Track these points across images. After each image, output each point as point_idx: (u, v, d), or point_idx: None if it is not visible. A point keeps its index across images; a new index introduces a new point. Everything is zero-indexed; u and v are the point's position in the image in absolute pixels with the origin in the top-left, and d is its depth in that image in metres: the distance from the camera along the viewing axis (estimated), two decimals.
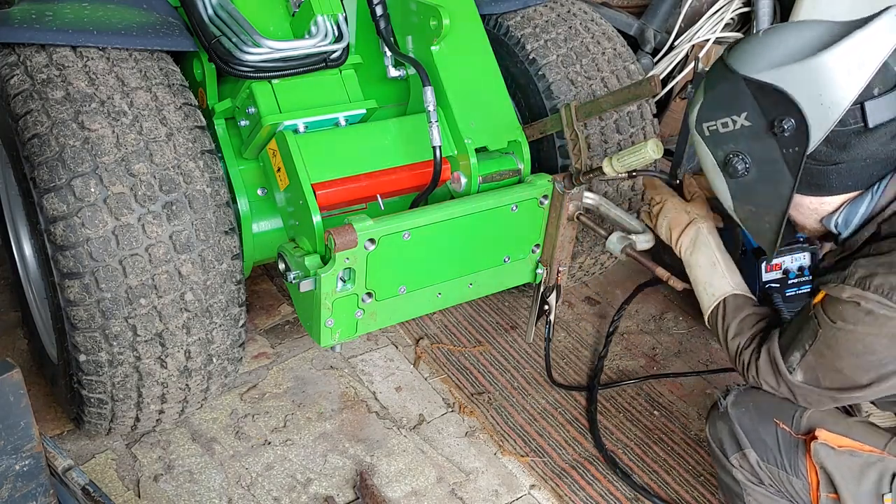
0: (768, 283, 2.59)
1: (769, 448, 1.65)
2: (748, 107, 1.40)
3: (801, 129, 1.35)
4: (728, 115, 1.43)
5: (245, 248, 2.05)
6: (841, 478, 1.55)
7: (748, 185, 1.47)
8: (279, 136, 1.93)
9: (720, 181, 1.51)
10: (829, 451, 1.57)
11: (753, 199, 1.49)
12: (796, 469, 1.62)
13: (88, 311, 1.66)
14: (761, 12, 3.38)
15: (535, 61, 2.29)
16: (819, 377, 1.47)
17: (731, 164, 1.46)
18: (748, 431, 1.68)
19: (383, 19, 2.11)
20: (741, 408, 1.71)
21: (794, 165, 1.38)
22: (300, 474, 2.12)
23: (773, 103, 1.36)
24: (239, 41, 1.90)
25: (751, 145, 1.42)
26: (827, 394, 1.48)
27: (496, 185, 2.07)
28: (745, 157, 1.44)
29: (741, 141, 1.43)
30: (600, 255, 2.50)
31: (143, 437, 2.17)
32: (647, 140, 1.78)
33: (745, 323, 1.63)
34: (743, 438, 1.68)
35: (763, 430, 1.66)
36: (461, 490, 2.12)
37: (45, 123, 1.65)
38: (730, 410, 1.71)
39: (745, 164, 1.44)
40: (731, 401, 1.73)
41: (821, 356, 1.45)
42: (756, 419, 1.68)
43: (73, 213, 1.62)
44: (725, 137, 1.45)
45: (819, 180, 1.42)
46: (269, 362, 2.49)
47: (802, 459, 1.61)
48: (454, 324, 2.72)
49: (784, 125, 1.35)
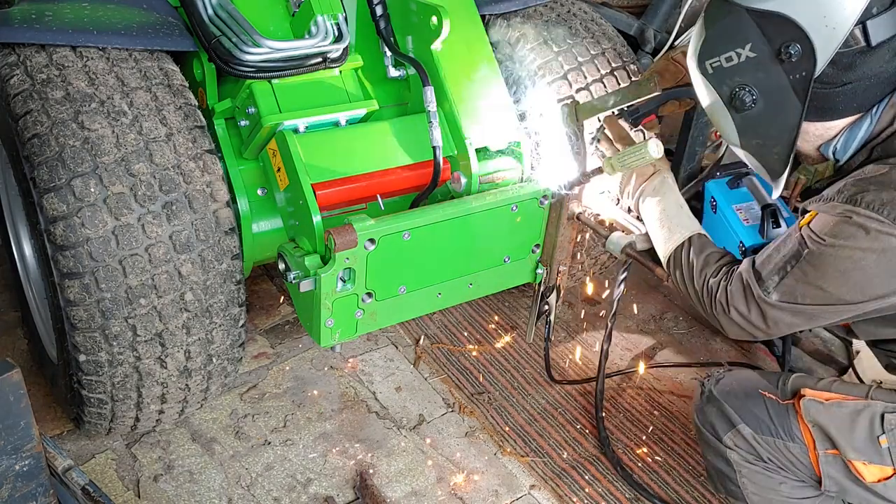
0: None
1: (761, 420, 1.66)
2: (753, 37, 1.40)
3: (807, 53, 1.36)
4: (732, 48, 1.43)
5: (245, 248, 2.05)
6: (835, 429, 1.57)
7: (756, 117, 1.47)
8: (279, 136, 1.93)
9: (725, 118, 1.52)
10: (818, 405, 1.59)
11: (761, 132, 1.49)
12: (791, 433, 1.63)
13: (88, 311, 1.66)
14: None
15: (535, 61, 2.28)
16: (798, 295, 1.47)
17: (737, 98, 1.46)
18: (738, 408, 1.69)
19: (383, 19, 2.11)
20: (726, 388, 1.73)
21: (802, 91, 1.39)
22: (300, 474, 2.12)
23: (778, 31, 1.37)
24: (239, 41, 1.90)
25: (757, 76, 1.43)
26: (804, 311, 1.48)
27: (496, 185, 2.07)
28: (751, 89, 1.44)
29: (747, 73, 1.44)
30: (600, 255, 2.50)
31: (143, 437, 2.17)
32: (647, 140, 1.78)
33: (712, 257, 1.64)
34: (734, 415, 1.69)
35: (752, 404, 1.68)
36: (461, 490, 2.12)
37: (45, 123, 1.65)
38: (715, 392, 1.74)
39: (752, 96, 1.44)
40: (715, 383, 1.76)
41: (803, 275, 1.45)
42: (743, 395, 1.70)
43: (73, 213, 1.62)
44: (730, 72, 1.45)
45: (826, 104, 1.43)
46: (269, 362, 2.49)
47: (795, 422, 1.63)
48: (454, 324, 2.72)
49: (790, 51, 1.36)
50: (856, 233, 1.38)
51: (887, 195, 1.36)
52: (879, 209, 1.35)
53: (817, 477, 1.62)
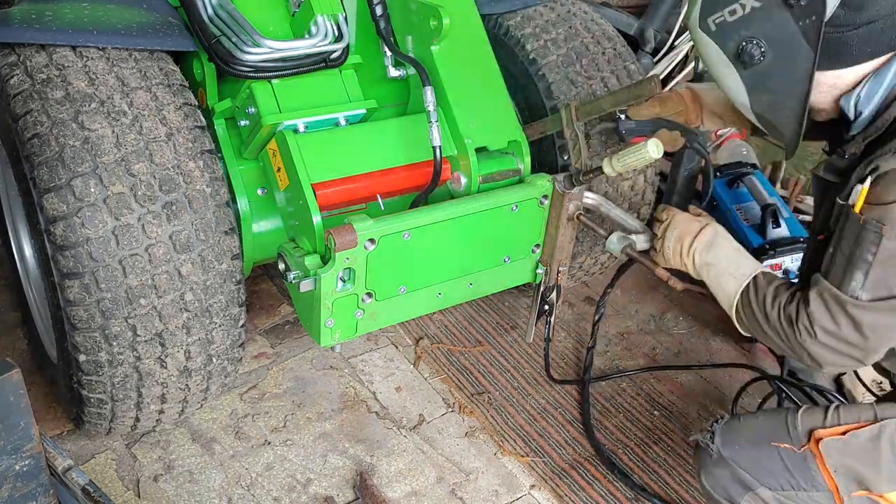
0: None
1: (779, 476, 1.54)
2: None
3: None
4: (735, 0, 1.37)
5: (245, 248, 2.05)
6: (860, 465, 1.47)
7: (765, 72, 1.40)
8: (279, 136, 1.93)
9: (733, 78, 1.44)
10: (838, 443, 1.49)
11: (772, 87, 1.41)
12: (813, 482, 1.52)
13: (88, 311, 1.66)
14: None
15: (535, 61, 2.29)
16: (892, 284, 1.34)
17: (745, 53, 1.38)
18: (751, 469, 1.56)
19: (383, 19, 2.11)
20: (733, 445, 1.60)
21: (813, 37, 1.32)
22: (300, 474, 2.12)
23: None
24: (239, 41, 1.90)
25: (764, 26, 1.36)
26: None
27: (496, 185, 2.07)
28: (758, 41, 1.37)
29: (753, 24, 1.37)
30: (600, 255, 2.50)
31: (143, 437, 2.17)
32: (647, 140, 1.78)
33: (782, 287, 1.52)
34: (749, 479, 1.56)
35: (766, 460, 1.55)
36: (461, 490, 2.12)
37: (44, 123, 1.65)
38: (724, 453, 1.60)
39: (760, 48, 1.37)
40: (721, 442, 1.61)
41: (892, 256, 1.32)
42: (753, 451, 1.57)
43: (73, 213, 1.62)
44: (735, 25, 1.38)
45: (840, 49, 1.35)
46: (269, 362, 2.49)
47: (816, 469, 1.51)
48: (454, 324, 2.72)
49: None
50: None
51: None
52: None
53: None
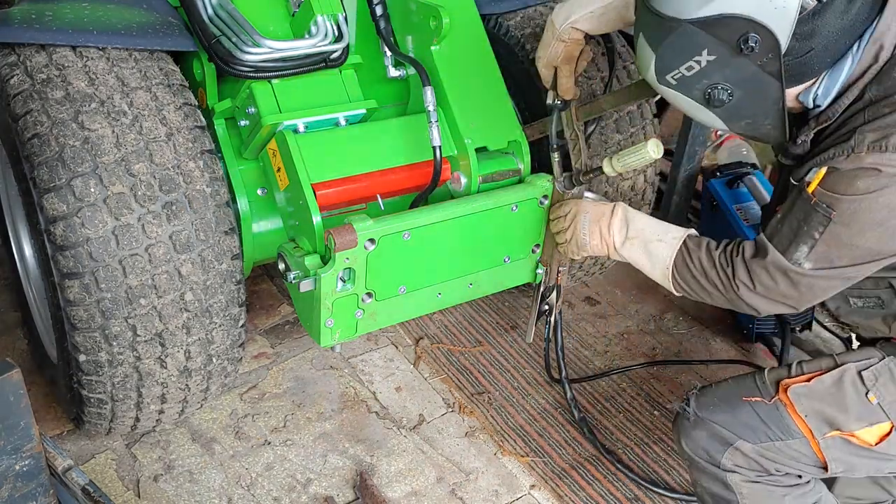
0: None
1: (756, 428, 1.62)
2: (707, 44, 1.37)
3: (767, 39, 1.33)
4: (689, 59, 1.40)
5: (245, 248, 2.05)
6: (828, 406, 1.55)
7: (736, 106, 1.44)
8: (279, 136, 1.93)
9: (706, 115, 1.49)
10: (804, 389, 1.57)
11: (747, 114, 1.46)
12: (788, 430, 1.60)
13: (88, 311, 1.66)
14: None
15: (535, 61, 2.28)
16: (833, 258, 1.44)
17: (713, 98, 1.43)
18: (728, 424, 1.64)
19: (383, 19, 2.11)
20: (708, 406, 1.68)
21: (775, 71, 1.37)
22: (300, 474, 2.12)
23: (730, 29, 1.34)
24: (239, 41, 1.90)
25: (724, 73, 1.40)
26: (841, 273, 1.46)
27: (496, 185, 2.07)
28: (723, 85, 1.41)
29: (713, 74, 1.41)
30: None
31: (143, 437, 2.17)
32: (647, 140, 1.78)
33: (711, 244, 1.61)
34: (727, 433, 1.64)
35: (741, 415, 1.63)
36: (461, 490, 2.12)
37: (44, 123, 1.65)
38: (700, 414, 1.67)
39: (726, 91, 1.41)
40: (696, 405, 1.69)
41: (836, 238, 1.42)
42: (728, 408, 1.65)
43: (73, 213, 1.62)
44: (696, 78, 1.42)
45: (801, 70, 1.40)
46: (269, 362, 2.49)
47: (788, 417, 1.59)
48: (454, 324, 2.72)
49: (750, 43, 1.33)
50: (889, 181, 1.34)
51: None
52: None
53: (822, 464, 1.60)
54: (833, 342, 2.71)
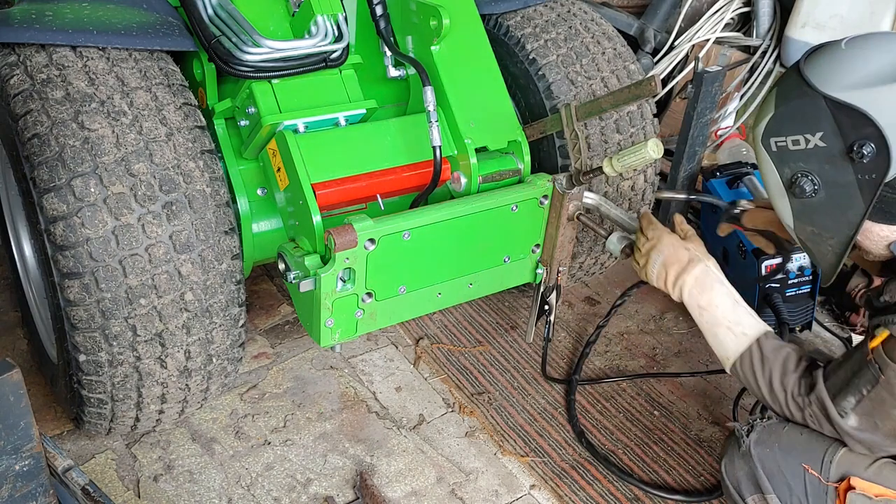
0: (768, 283, 2.59)
1: (794, 494, 1.55)
2: (826, 127, 1.32)
3: (881, 156, 1.28)
4: (801, 132, 1.36)
5: (245, 248, 2.05)
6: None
7: (814, 206, 1.40)
8: (279, 136, 1.93)
9: (782, 199, 1.44)
10: (867, 501, 1.47)
11: (818, 222, 1.42)
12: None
13: (88, 311, 1.66)
14: (761, 12, 3.39)
15: (535, 61, 2.29)
16: (876, 420, 1.39)
17: (797, 185, 1.38)
18: (772, 475, 1.57)
19: (383, 19, 2.11)
20: (765, 447, 1.60)
21: (868, 192, 1.31)
22: (300, 474, 2.12)
23: (855, 126, 1.29)
24: (239, 41, 1.90)
25: (823, 167, 1.35)
26: (884, 433, 1.40)
27: (496, 185, 2.07)
28: (814, 177, 1.36)
29: (812, 161, 1.36)
30: (600, 255, 2.50)
31: (143, 437, 2.17)
32: (647, 140, 1.78)
33: (789, 364, 1.53)
34: (765, 483, 1.58)
35: (789, 475, 1.56)
36: (461, 490, 2.12)
37: (45, 123, 1.65)
38: (753, 450, 1.60)
39: (813, 185, 1.37)
40: (755, 439, 1.61)
41: (881, 402, 1.37)
42: (782, 461, 1.57)
43: (73, 213, 1.62)
44: (795, 156, 1.38)
45: (892, 208, 1.34)
46: (269, 362, 2.49)
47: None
48: (454, 324, 2.72)
49: (864, 150, 1.28)
50: None
51: None
52: None
53: None
54: (833, 342, 2.71)
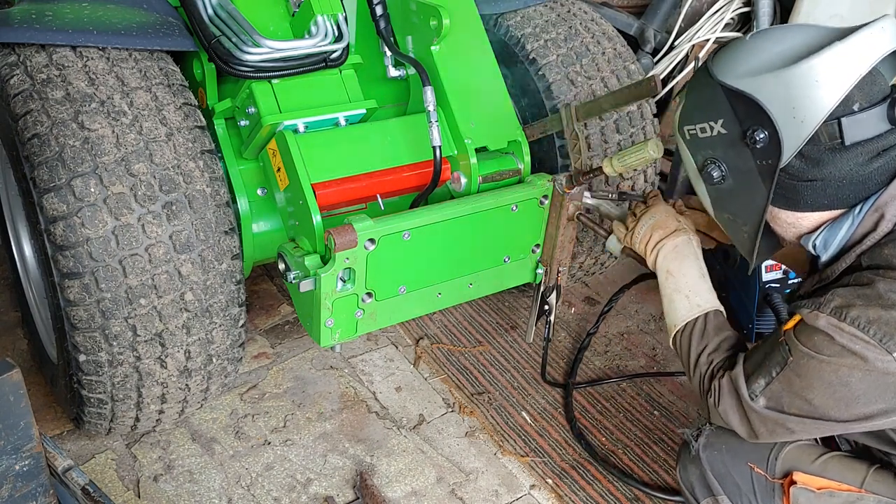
0: (768, 283, 2.59)
1: (743, 493, 1.58)
2: (724, 114, 1.36)
3: (773, 142, 1.31)
4: (706, 120, 1.40)
5: (245, 248, 2.05)
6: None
7: (725, 192, 1.44)
8: (279, 136, 1.93)
9: (699, 186, 1.49)
10: (809, 494, 1.51)
11: (730, 207, 1.45)
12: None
13: (88, 311, 1.66)
14: (761, 12, 3.39)
15: (535, 61, 2.29)
16: (784, 404, 1.39)
17: (706, 171, 1.43)
18: (721, 476, 1.60)
19: (383, 19, 2.11)
20: (713, 450, 1.63)
21: (767, 177, 1.34)
22: (300, 474, 2.12)
23: (747, 113, 1.33)
24: (239, 41, 1.90)
25: (726, 153, 1.39)
26: (787, 423, 1.40)
27: (496, 185, 2.07)
28: (720, 164, 1.41)
29: (717, 148, 1.40)
30: (600, 255, 2.50)
31: (143, 437, 2.17)
32: (648, 140, 1.78)
33: (724, 344, 1.55)
34: (715, 485, 1.61)
35: (737, 474, 1.59)
36: (461, 490, 2.12)
37: (45, 123, 1.65)
38: (701, 454, 1.64)
39: (720, 171, 1.41)
40: (703, 443, 1.65)
41: (789, 383, 1.37)
42: (729, 462, 1.60)
43: (73, 213, 1.62)
44: (703, 143, 1.43)
45: (792, 195, 1.37)
46: (269, 362, 2.49)
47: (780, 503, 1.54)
48: (454, 324, 2.72)
49: (756, 136, 1.31)
50: (840, 352, 1.29)
51: (874, 313, 1.26)
52: (865, 328, 1.26)
53: None
54: None
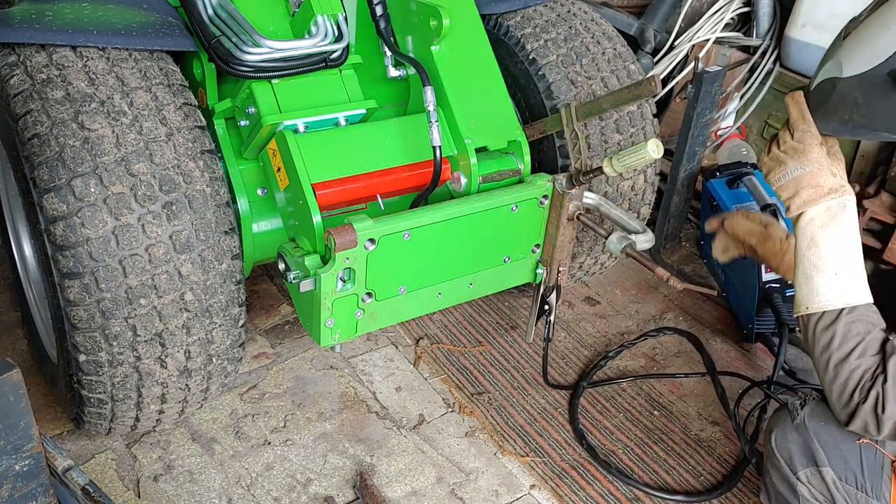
0: (768, 284, 2.59)
1: (850, 467, 1.52)
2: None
3: None
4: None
5: (245, 248, 2.05)
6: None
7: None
8: (279, 136, 1.93)
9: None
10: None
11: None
12: (878, 491, 1.49)
13: (88, 311, 1.66)
14: (761, 12, 3.39)
15: (535, 61, 2.29)
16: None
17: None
18: (827, 447, 1.53)
19: (383, 19, 2.11)
20: (819, 420, 1.55)
21: None
22: (300, 474, 2.12)
23: None
24: (239, 41, 1.90)
25: None
26: None
27: (496, 185, 2.07)
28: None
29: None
30: (600, 255, 2.50)
31: (143, 437, 2.17)
32: (647, 140, 1.78)
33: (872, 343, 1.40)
34: (821, 454, 1.54)
35: (845, 448, 1.52)
36: (461, 490, 2.12)
37: (45, 123, 1.65)
38: (808, 423, 1.56)
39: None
40: (809, 412, 1.57)
41: None
42: (838, 435, 1.53)
43: (73, 213, 1.62)
44: None
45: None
46: (269, 362, 2.49)
47: (887, 483, 1.48)
48: (454, 324, 2.72)
49: None
50: None
51: None
52: None
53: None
54: None
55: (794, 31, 3.21)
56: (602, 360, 2.59)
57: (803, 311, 1.46)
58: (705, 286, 2.18)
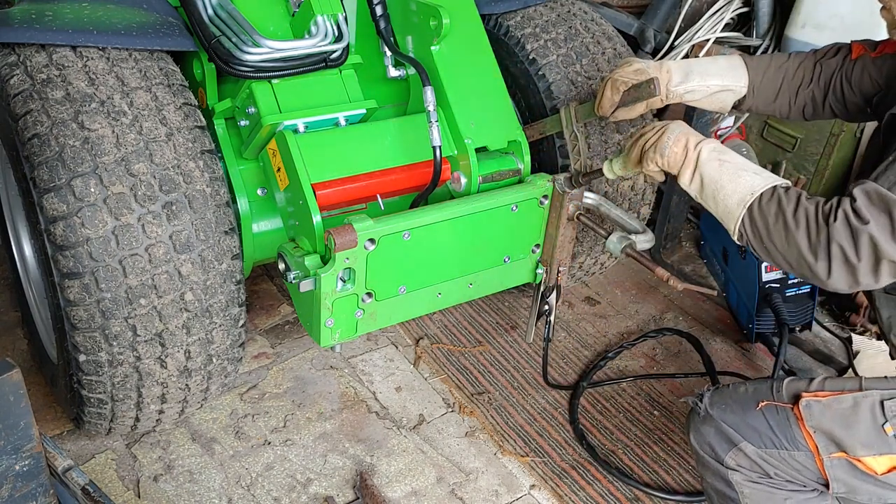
0: (768, 283, 2.60)
1: (763, 433, 1.61)
2: None
3: None
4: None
5: (245, 248, 2.05)
6: (838, 428, 1.53)
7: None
8: (279, 136, 1.93)
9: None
10: (818, 404, 1.56)
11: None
12: (794, 441, 1.58)
13: (88, 311, 1.66)
14: (761, 12, 3.38)
15: (535, 61, 2.29)
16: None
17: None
18: (737, 425, 1.64)
19: (383, 19, 2.11)
20: (720, 406, 1.68)
21: None
22: (300, 474, 2.12)
23: None
24: (239, 41, 1.90)
25: None
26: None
27: (496, 185, 2.07)
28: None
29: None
30: (600, 255, 2.50)
31: (143, 437, 2.17)
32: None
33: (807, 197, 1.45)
34: (734, 434, 1.64)
35: (751, 419, 1.63)
36: (461, 490, 2.12)
37: (45, 123, 1.65)
38: (711, 412, 1.68)
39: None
40: (708, 402, 1.70)
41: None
42: (739, 411, 1.65)
43: (73, 213, 1.62)
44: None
45: None
46: (269, 362, 2.49)
47: (797, 430, 1.58)
48: (454, 324, 2.72)
49: None
50: None
51: None
52: None
53: (825, 481, 1.58)
54: (833, 342, 2.71)
55: (793, 31, 3.20)
56: (602, 360, 2.59)
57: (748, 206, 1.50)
58: (705, 286, 2.18)
